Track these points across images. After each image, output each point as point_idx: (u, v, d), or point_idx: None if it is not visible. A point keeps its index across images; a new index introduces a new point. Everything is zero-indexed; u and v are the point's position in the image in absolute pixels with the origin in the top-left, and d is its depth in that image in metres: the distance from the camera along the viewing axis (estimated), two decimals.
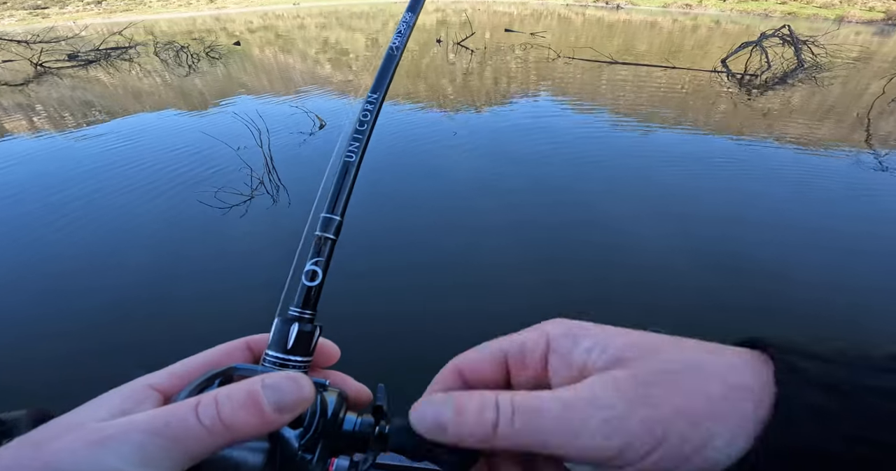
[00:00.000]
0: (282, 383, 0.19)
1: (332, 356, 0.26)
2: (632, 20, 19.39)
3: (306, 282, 0.24)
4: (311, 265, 0.25)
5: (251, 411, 0.18)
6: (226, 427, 0.18)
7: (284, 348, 0.23)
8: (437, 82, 6.87)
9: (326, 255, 0.25)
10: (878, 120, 4.72)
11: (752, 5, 25.97)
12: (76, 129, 5.11)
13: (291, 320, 0.24)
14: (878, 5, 23.50)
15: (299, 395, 0.19)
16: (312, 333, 0.24)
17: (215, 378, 0.22)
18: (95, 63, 9.58)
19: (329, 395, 0.23)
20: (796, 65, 6.85)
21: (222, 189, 3.12)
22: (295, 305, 0.24)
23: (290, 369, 0.23)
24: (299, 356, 0.23)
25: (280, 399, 0.19)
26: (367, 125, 0.27)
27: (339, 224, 0.26)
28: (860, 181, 3.35)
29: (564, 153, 3.86)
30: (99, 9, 27.49)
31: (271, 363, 0.23)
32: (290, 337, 0.23)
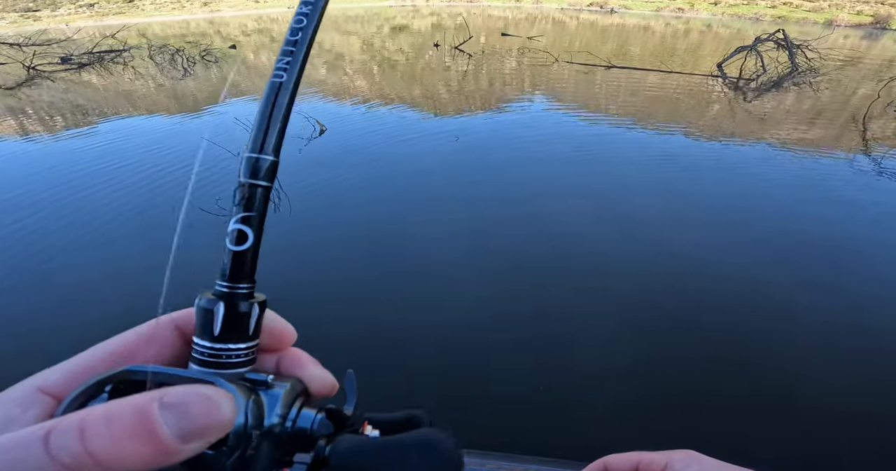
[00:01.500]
0: (188, 404, 0.14)
1: (286, 337, 0.21)
2: (625, 24, 19.59)
3: (231, 246, 0.18)
4: (237, 224, 0.18)
5: (142, 441, 0.13)
6: (99, 465, 0.13)
7: (212, 336, 0.18)
8: (435, 85, 6.86)
9: (259, 208, 0.19)
10: (873, 123, 4.77)
11: (743, 9, 26.35)
12: (69, 133, 5.03)
13: (217, 298, 0.18)
14: (865, 9, 23.94)
15: (212, 418, 0.15)
16: (249, 313, 0.19)
17: (104, 385, 0.17)
18: (89, 66, 9.47)
19: (273, 392, 0.18)
20: (791, 69, 6.93)
21: (223, 197, 3.08)
22: (220, 278, 0.19)
23: (224, 361, 0.18)
24: (234, 344, 0.18)
25: (186, 425, 0.14)
26: (302, 34, 0.20)
27: (271, 166, 0.19)
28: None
29: (575, 156, 3.86)
30: (91, 11, 27.24)
31: (199, 354, 0.18)
32: (217, 321, 0.18)
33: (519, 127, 4.86)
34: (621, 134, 4.57)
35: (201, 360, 0.18)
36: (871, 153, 4.01)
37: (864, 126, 4.72)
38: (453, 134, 4.53)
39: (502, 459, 1.20)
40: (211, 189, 3.20)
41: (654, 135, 4.54)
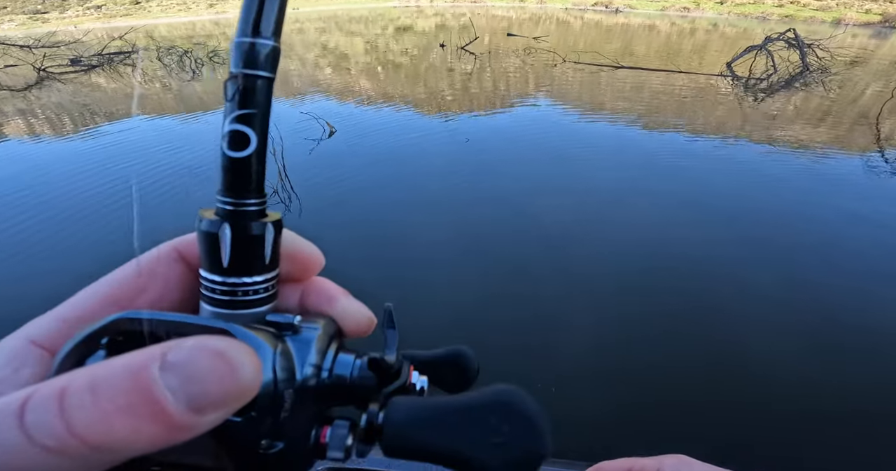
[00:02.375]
0: (196, 364, 0.11)
1: (312, 263, 0.17)
2: (630, 24, 19.50)
3: (228, 151, 0.14)
4: (233, 123, 0.14)
5: (141, 415, 0.10)
6: (91, 447, 0.10)
7: (221, 267, 0.15)
8: (444, 86, 6.86)
9: (261, 104, 0.15)
10: (887, 122, 4.72)
11: (749, 8, 26.15)
12: (80, 133, 5.07)
13: (221, 218, 0.15)
14: (874, 7, 23.70)
15: (230, 384, 0.11)
16: (263, 235, 0.15)
17: (98, 337, 0.13)
18: (98, 68, 9.56)
19: (303, 336, 0.15)
20: (802, 68, 6.87)
21: None
22: (221, 193, 0.15)
23: (240, 298, 0.15)
24: (249, 277, 0.15)
25: (196, 393, 0.11)
26: None
27: (272, 52, 0.15)
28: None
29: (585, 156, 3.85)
30: (99, 13, 27.50)
31: (209, 291, 0.15)
32: (224, 247, 0.14)
33: (526, 127, 4.85)
34: (630, 133, 4.55)
35: (212, 298, 0.15)
36: (885, 152, 3.96)
37: (877, 126, 4.67)
38: (463, 135, 4.52)
39: None
40: None
41: (663, 134, 4.51)
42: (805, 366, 1.71)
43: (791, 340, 1.84)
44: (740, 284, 2.19)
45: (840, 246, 2.53)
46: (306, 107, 5.59)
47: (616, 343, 1.84)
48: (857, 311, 1.99)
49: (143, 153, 4.27)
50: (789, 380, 1.64)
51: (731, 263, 2.36)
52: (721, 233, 2.69)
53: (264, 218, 0.15)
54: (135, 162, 4.03)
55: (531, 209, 2.99)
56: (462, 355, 0.19)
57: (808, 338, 1.85)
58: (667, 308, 2.03)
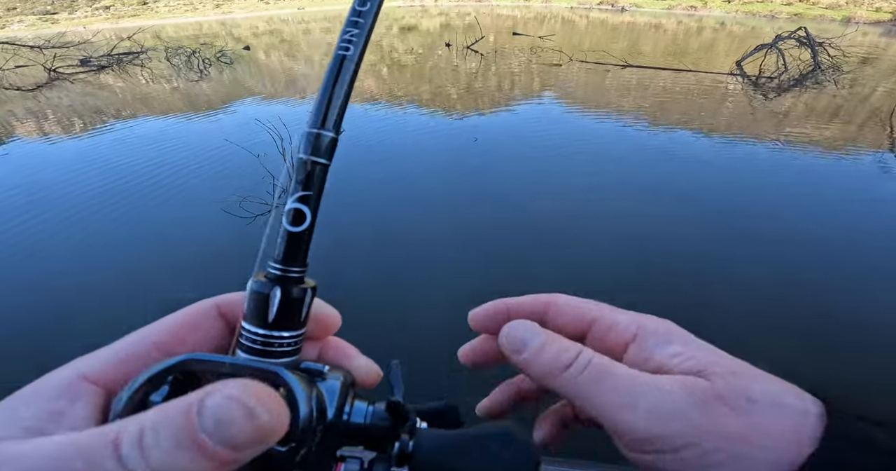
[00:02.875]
0: (224, 412, 0.13)
1: (331, 325, 0.20)
2: (636, 22, 19.37)
3: (289, 226, 0.17)
4: (295, 202, 0.17)
5: (193, 453, 0.12)
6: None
7: (265, 322, 0.17)
8: (451, 86, 6.85)
9: (316, 187, 0.18)
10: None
11: (757, 7, 25.89)
12: (93, 134, 5.11)
13: (272, 282, 0.17)
14: (885, 6, 23.36)
15: (254, 429, 0.13)
16: (303, 299, 0.18)
17: (164, 376, 0.16)
18: (108, 68, 9.64)
19: (329, 383, 0.18)
20: (813, 67, 6.79)
21: (247, 198, 3.10)
22: (275, 260, 0.18)
23: (275, 349, 0.17)
24: (286, 331, 0.17)
25: (227, 436, 0.12)
26: (370, 5, 0.19)
27: (332, 142, 0.18)
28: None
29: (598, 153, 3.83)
30: (107, 14, 27.78)
31: (249, 342, 0.17)
32: (273, 306, 0.17)
33: (534, 126, 4.82)
34: (640, 132, 4.52)
35: (251, 347, 0.17)
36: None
37: (891, 125, 4.60)
38: (471, 134, 4.51)
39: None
40: (231, 189, 3.23)
41: (673, 133, 4.47)
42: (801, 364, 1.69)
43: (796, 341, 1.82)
44: (758, 282, 2.16)
45: (860, 243, 2.49)
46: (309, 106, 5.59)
47: None
48: (868, 309, 1.97)
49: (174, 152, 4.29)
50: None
51: (755, 262, 2.34)
52: (734, 231, 2.66)
53: (304, 284, 0.18)
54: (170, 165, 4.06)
55: (539, 208, 2.98)
56: (451, 407, 0.22)
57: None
58: (688, 305, 2.01)
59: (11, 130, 5.53)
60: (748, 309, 2.02)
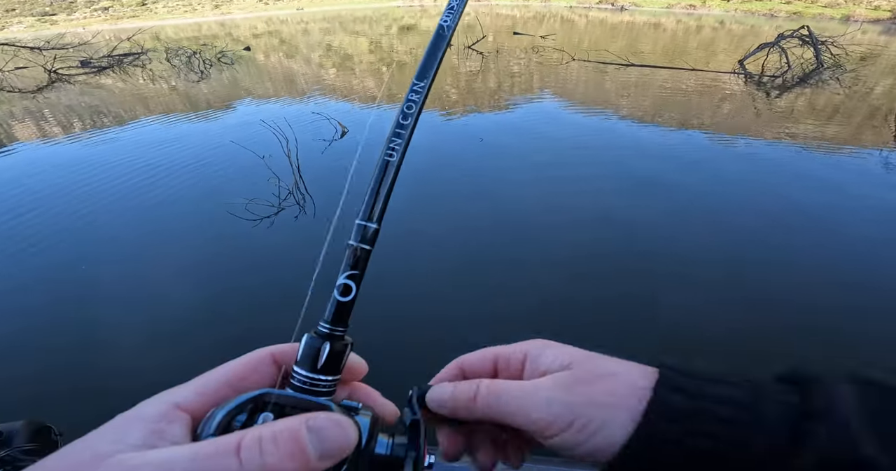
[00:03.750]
0: (328, 430, 0.18)
1: (360, 372, 0.25)
2: (635, 21, 19.35)
3: (339, 297, 0.23)
4: (344, 279, 0.23)
5: (296, 458, 0.17)
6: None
7: (314, 367, 0.22)
8: (454, 86, 6.83)
9: (361, 267, 0.23)
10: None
11: (756, 5, 25.87)
12: (95, 136, 5.09)
13: (323, 338, 0.22)
14: (883, 4, 23.35)
15: (345, 443, 0.18)
16: (343, 352, 0.23)
17: (245, 405, 0.20)
18: (108, 69, 9.61)
19: (361, 419, 0.22)
20: (816, 65, 6.78)
21: (253, 200, 3.08)
22: (325, 321, 0.23)
23: (319, 389, 0.22)
24: (329, 376, 0.22)
25: (326, 448, 0.18)
26: (411, 119, 0.24)
27: (374, 232, 0.23)
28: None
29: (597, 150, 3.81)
30: (106, 15, 27.70)
31: (300, 382, 0.22)
32: (322, 356, 0.22)
33: (536, 123, 4.81)
34: (643, 129, 4.51)
35: (300, 387, 0.22)
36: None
37: (895, 122, 4.60)
38: (476, 133, 4.50)
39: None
40: (238, 192, 3.21)
41: (676, 132, 4.46)
42: None
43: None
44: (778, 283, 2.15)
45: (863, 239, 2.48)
46: (317, 107, 5.58)
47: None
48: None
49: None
50: None
51: (775, 263, 2.33)
52: (744, 228, 2.65)
53: (345, 340, 0.23)
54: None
55: (547, 205, 2.96)
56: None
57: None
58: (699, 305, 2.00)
59: (12, 132, 5.50)
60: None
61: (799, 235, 2.60)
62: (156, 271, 2.47)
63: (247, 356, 0.23)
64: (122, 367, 1.80)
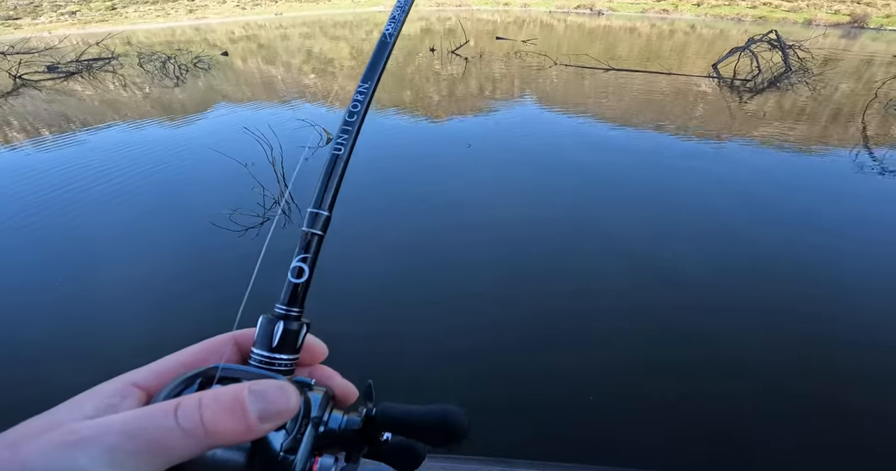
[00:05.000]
0: (269, 392, 0.19)
1: (319, 354, 0.26)
2: (612, 26, 19.84)
3: (292, 279, 0.24)
4: (298, 262, 0.24)
5: (235, 417, 0.18)
6: (206, 432, 0.18)
7: (270, 347, 0.23)
8: (439, 91, 6.83)
9: (313, 251, 0.24)
10: (875, 122, 4.87)
11: (725, 10, 26.93)
12: (63, 143, 4.86)
13: (276, 318, 0.23)
14: (842, 8, 24.65)
15: (286, 405, 0.19)
16: (299, 332, 0.24)
17: (196, 378, 0.21)
18: (77, 75, 9.23)
19: (314, 394, 0.23)
20: (785, 69, 7.06)
21: (237, 211, 2.99)
22: (280, 303, 0.24)
23: (276, 368, 0.23)
24: (285, 355, 0.23)
25: (265, 409, 0.19)
26: (356, 117, 0.26)
27: (326, 219, 0.25)
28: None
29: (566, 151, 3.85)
30: (73, 19, 26.69)
31: (257, 362, 0.23)
32: (275, 335, 0.23)
33: (518, 128, 4.84)
34: (610, 132, 4.59)
35: (257, 365, 0.23)
36: (872, 150, 4.08)
37: (863, 124, 4.82)
38: (462, 140, 4.49)
39: (496, 464, 1.16)
40: (219, 202, 3.10)
41: (645, 134, 4.56)
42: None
43: None
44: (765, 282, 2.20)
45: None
46: (299, 113, 5.49)
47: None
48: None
49: None
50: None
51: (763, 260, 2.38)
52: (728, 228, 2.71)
53: (300, 321, 0.24)
54: None
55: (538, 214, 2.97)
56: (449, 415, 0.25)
57: None
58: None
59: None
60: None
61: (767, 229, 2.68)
62: (136, 285, 2.35)
63: (208, 340, 0.24)
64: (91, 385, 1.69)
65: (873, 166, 3.72)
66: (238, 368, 0.22)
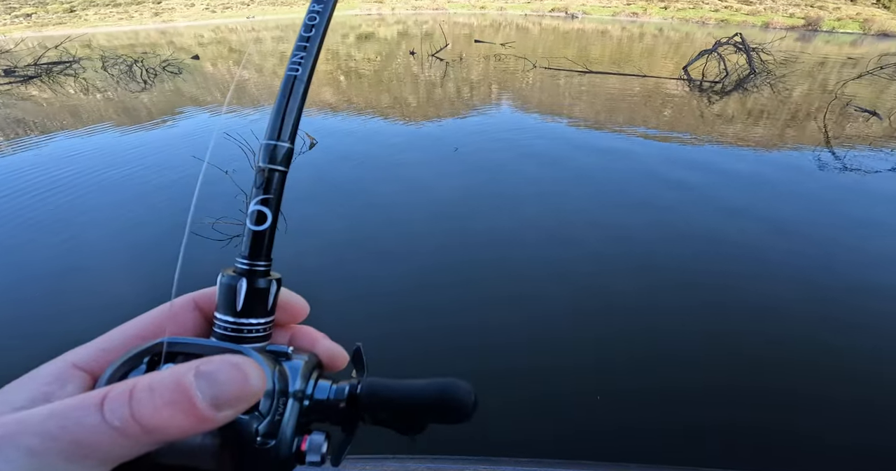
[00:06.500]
0: (220, 373, 0.15)
1: (300, 312, 0.22)
2: (585, 29, 20.37)
3: (252, 226, 0.20)
4: (257, 205, 0.20)
5: (180, 408, 0.14)
6: (144, 430, 0.14)
7: (234, 310, 0.19)
8: (421, 94, 6.81)
9: (276, 191, 0.20)
10: (836, 122, 5.16)
11: (690, 13, 28.11)
12: (22, 150, 4.57)
13: (239, 275, 0.19)
14: (797, 12, 26.14)
15: (243, 388, 0.16)
16: (268, 288, 0.20)
17: (142, 356, 0.18)
18: (36, 79, 8.73)
19: (293, 363, 0.20)
20: (749, 71, 7.40)
21: (220, 219, 2.88)
22: (242, 256, 0.20)
23: (245, 335, 0.19)
24: (255, 319, 0.19)
25: (218, 394, 0.15)
26: (315, 31, 0.21)
27: (287, 152, 0.21)
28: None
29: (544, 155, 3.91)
30: (28, 22, 25.29)
31: (221, 329, 0.19)
32: (240, 296, 0.19)
33: (509, 131, 4.89)
34: (584, 133, 4.71)
35: (223, 334, 0.19)
36: (833, 148, 4.32)
37: (825, 123, 5.10)
38: (447, 143, 4.49)
39: (480, 463, 1.16)
40: (199, 210, 2.98)
41: (617, 135, 4.69)
42: None
43: None
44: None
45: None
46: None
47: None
48: None
49: None
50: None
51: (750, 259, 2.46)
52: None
53: (269, 276, 0.20)
54: None
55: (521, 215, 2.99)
56: (453, 390, 0.21)
57: None
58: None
59: None
60: None
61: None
62: (116, 300, 2.22)
63: (164, 305, 0.20)
64: None
65: (837, 163, 3.94)
66: (191, 341, 0.18)
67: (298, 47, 0.21)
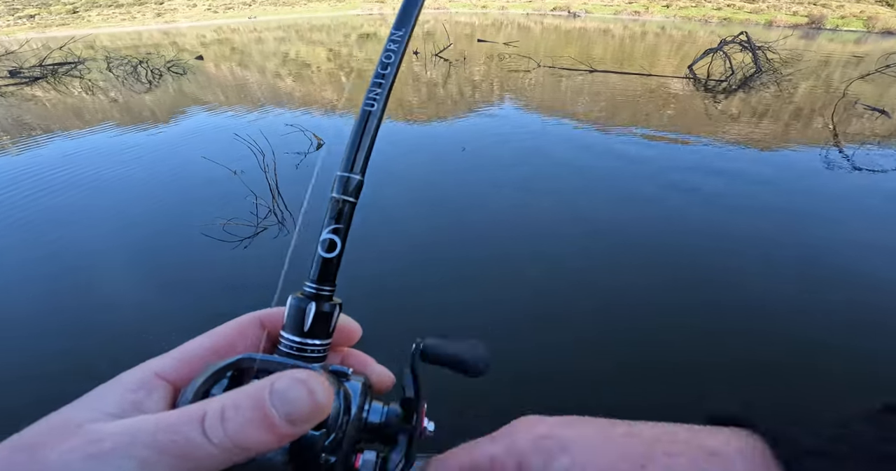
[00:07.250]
0: (292, 392, 0.17)
1: (353, 336, 0.24)
2: (587, 28, 20.32)
3: (323, 253, 0.21)
4: (328, 234, 0.21)
5: (261, 426, 0.16)
6: (236, 445, 0.16)
7: (301, 331, 0.21)
8: (426, 94, 6.81)
9: (346, 221, 0.22)
10: (843, 120, 5.14)
11: (692, 11, 28.01)
12: (34, 149, 4.59)
13: (308, 298, 0.21)
14: (800, 10, 26.01)
15: (313, 405, 0.17)
16: (332, 313, 0.21)
17: (224, 371, 0.19)
18: (42, 80, 8.77)
19: (352, 384, 0.21)
20: (755, 69, 7.37)
21: (231, 221, 2.88)
22: (311, 281, 0.21)
23: (308, 354, 0.21)
24: (317, 340, 0.21)
25: (291, 411, 0.17)
26: (390, 68, 0.23)
27: (359, 184, 0.22)
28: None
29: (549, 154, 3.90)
30: (32, 23, 25.40)
31: (287, 348, 0.21)
32: (308, 318, 0.21)
33: (511, 129, 4.88)
34: (591, 132, 4.70)
35: (288, 353, 0.21)
36: (842, 147, 4.30)
37: (833, 121, 5.07)
38: (455, 143, 4.49)
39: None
40: (210, 212, 2.99)
41: (620, 135, 4.68)
42: None
43: None
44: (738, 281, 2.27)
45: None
46: (285, 118, 5.36)
47: None
48: None
49: None
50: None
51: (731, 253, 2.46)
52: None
53: (333, 301, 0.22)
54: None
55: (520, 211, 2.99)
56: (476, 350, 0.24)
57: None
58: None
59: None
60: None
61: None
62: (129, 300, 2.23)
63: (233, 322, 0.22)
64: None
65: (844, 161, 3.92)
66: (268, 358, 0.20)
67: (374, 84, 0.22)
